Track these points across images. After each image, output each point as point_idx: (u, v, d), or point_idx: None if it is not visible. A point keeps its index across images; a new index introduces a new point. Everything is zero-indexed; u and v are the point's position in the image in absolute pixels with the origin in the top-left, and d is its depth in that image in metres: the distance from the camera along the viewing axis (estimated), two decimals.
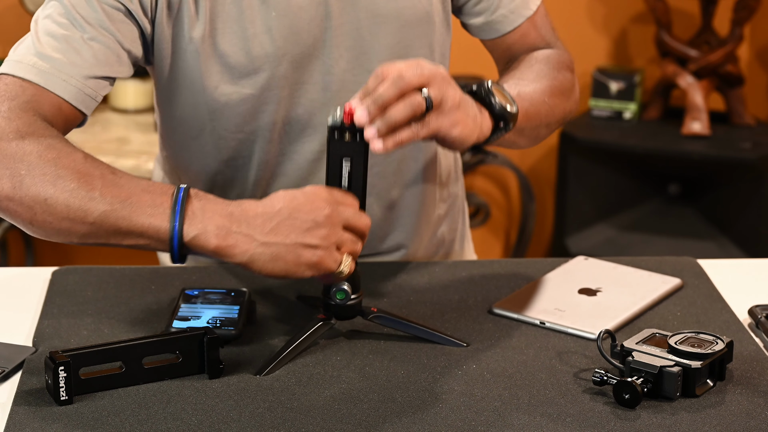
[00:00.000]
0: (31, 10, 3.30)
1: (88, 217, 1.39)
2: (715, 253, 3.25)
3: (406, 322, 1.51)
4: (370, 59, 1.64)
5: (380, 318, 1.51)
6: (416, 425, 1.32)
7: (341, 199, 1.41)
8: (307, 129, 1.66)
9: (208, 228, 1.38)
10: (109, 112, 3.41)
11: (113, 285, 1.65)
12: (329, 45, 1.63)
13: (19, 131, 1.43)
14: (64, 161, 1.41)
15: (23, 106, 1.47)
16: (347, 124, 1.39)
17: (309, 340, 1.46)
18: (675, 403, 1.36)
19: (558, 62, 1.72)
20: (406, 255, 1.78)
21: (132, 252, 3.58)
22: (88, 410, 1.34)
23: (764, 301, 1.62)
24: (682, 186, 3.44)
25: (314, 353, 1.47)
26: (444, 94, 1.41)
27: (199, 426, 1.31)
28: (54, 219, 1.40)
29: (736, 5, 3.35)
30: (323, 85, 1.64)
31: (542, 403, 1.36)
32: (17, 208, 1.41)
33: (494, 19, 1.72)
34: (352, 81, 1.64)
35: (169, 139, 1.74)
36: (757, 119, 3.49)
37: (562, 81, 1.70)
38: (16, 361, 1.44)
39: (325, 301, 1.48)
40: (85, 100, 1.53)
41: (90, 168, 1.42)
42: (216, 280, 1.67)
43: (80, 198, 1.39)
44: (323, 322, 1.48)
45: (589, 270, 1.71)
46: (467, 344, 1.50)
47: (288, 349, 1.44)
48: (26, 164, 1.41)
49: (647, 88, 3.56)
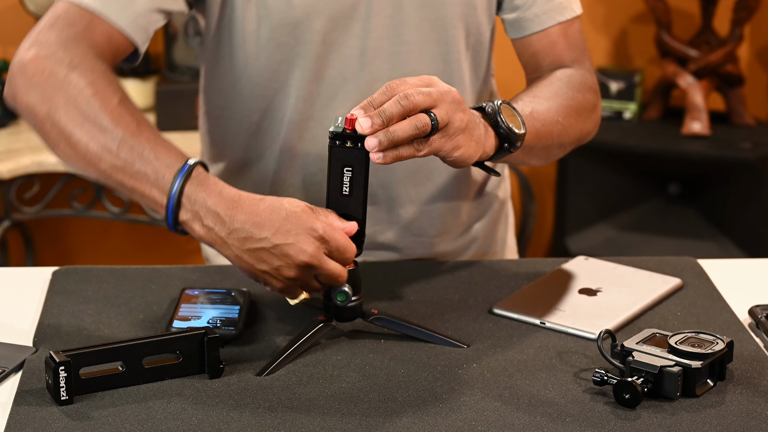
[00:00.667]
0: (31, 10, 3.30)
1: (101, 164, 1.45)
2: (715, 253, 3.25)
3: (407, 324, 1.51)
4: (407, 30, 1.67)
5: (380, 320, 1.51)
6: (416, 425, 1.32)
7: (331, 235, 1.40)
8: (339, 95, 1.68)
9: (196, 218, 1.41)
10: None
11: (113, 285, 1.65)
12: (369, 10, 1.65)
13: (72, 62, 1.50)
14: (97, 103, 1.46)
15: (80, 35, 1.53)
16: (349, 130, 1.39)
17: (309, 342, 1.46)
18: (675, 403, 1.36)
19: (580, 83, 1.71)
20: (430, 242, 1.79)
21: (132, 252, 3.58)
22: (88, 410, 1.34)
23: (764, 301, 1.62)
24: (682, 186, 3.44)
25: (314, 353, 1.47)
26: (451, 117, 1.42)
27: (199, 426, 1.31)
28: (73, 155, 1.48)
29: (736, 5, 3.35)
30: (359, 50, 1.66)
31: (542, 403, 1.36)
32: (48, 132, 1.49)
33: (525, 17, 1.72)
34: (388, 51, 1.67)
35: (209, 88, 1.76)
36: (757, 119, 3.49)
37: (581, 101, 1.69)
38: (16, 361, 1.44)
39: (325, 302, 1.48)
40: (137, 31, 1.57)
41: (117, 116, 1.46)
42: (216, 280, 1.67)
43: (98, 145, 1.45)
44: (324, 324, 1.48)
45: (589, 270, 1.71)
46: (467, 345, 1.50)
47: (288, 351, 1.44)
48: (65, 96, 1.47)
49: (647, 88, 3.56)
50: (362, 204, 1.43)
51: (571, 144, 1.69)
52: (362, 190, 1.42)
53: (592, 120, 1.72)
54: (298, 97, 1.69)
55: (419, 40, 1.68)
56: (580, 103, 1.69)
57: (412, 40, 1.68)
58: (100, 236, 3.57)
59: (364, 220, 1.44)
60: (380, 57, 1.67)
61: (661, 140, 3.36)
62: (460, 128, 1.43)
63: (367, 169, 1.41)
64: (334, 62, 1.67)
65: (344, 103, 1.69)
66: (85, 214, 3.20)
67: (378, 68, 1.68)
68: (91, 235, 3.57)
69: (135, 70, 3.37)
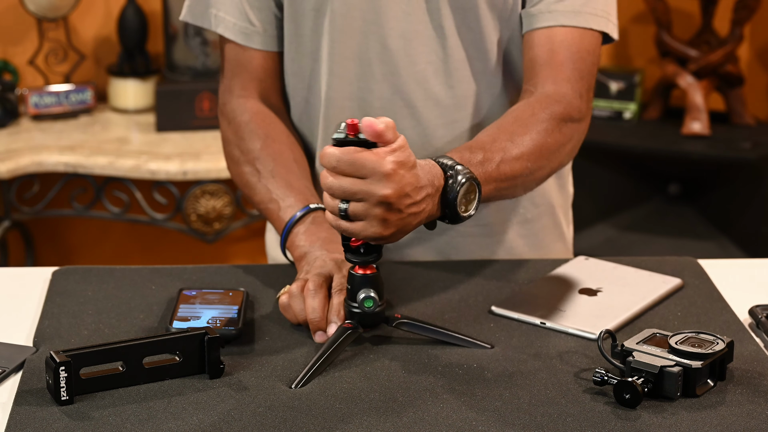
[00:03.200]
0: (31, 10, 3.30)
1: (252, 199, 1.73)
2: (715, 253, 3.25)
3: (431, 327, 1.50)
4: (443, 15, 1.68)
5: (405, 324, 1.50)
6: (416, 425, 1.32)
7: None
8: (376, 75, 1.70)
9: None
10: (109, 112, 3.41)
11: (113, 285, 1.65)
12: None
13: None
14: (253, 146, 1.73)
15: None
16: (351, 136, 1.38)
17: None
18: (675, 403, 1.36)
19: (563, 115, 1.65)
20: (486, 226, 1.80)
21: (132, 252, 3.58)
22: (88, 410, 1.34)
23: (764, 301, 1.62)
24: (682, 186, 3.44)
25: (314, 353, 1.46)
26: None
27: (199, 426, 1.31)
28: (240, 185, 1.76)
29: (736, 5, 3.35)
30: (399, 32, 1.69)
31: (542, 403, 1.36)
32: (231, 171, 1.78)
33: (530, 12, 1.70)
34: (426, 34, 1.69)
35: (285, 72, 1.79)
36: (757, 119, 3.49)
37: (558, 139, 1.64)
38: (16, 361, 1.44)
39: (349, 309, 1.48)
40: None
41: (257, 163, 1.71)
42: (217, 280, 1.67)
43: (247, 184, 1.73)
44: (351, 330, 1.46)
45: (590, 270, 1.71)
46: (492, 346, 1.49)
47: (321, 360, 1.42)
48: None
49: (647, 88, 3.56)
50: None
51: (536, 183, 1.66)
52: None
53: (564, 152, 1.67)
54: (336, 73, 1.71)
55: (453, 26, 1.70)
56: (557, 140, 1.64)
57: (447, 26, 1.69)
58: (100, 236, 3.57)
59: None
60: (419, 40, 1.69)
61: (661, 140, 3.36)
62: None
63: None
64: (372, 42, 1.69)
65: (381, 84, 1.70)
66: (85, 214, 3.20)
67: (416, 51, 1.69)
68: (91, 235, 3.57)
69: (135, 70, 3.37)
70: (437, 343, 1.50)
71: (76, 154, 3.08)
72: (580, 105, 1.68)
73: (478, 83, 1.73)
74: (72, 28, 3.44)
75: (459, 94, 1.72)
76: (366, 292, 1.45)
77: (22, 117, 3.34)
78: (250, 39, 1.75)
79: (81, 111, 3.36)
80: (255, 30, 1.75)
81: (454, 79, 1.71)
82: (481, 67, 1.72)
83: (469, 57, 1.71)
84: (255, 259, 3.56)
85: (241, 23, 1.74)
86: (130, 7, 3.35)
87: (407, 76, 1.70)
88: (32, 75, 3.43)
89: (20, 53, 3.43)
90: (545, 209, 1.85)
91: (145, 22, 3.37)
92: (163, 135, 3.24)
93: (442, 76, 1.71)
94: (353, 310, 1.46)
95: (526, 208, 1.82)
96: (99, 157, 3.08)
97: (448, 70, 1.71)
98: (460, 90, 1.72)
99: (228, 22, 1.74)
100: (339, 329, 1.46)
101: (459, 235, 1.80)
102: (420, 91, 1.71)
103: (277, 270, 1.70)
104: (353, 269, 1.45)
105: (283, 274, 1.68)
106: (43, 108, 3.31)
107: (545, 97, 1.66)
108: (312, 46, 1.73)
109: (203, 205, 3.15)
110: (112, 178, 3.11)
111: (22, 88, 3.38)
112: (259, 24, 1.75)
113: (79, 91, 3.35)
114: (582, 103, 1.68)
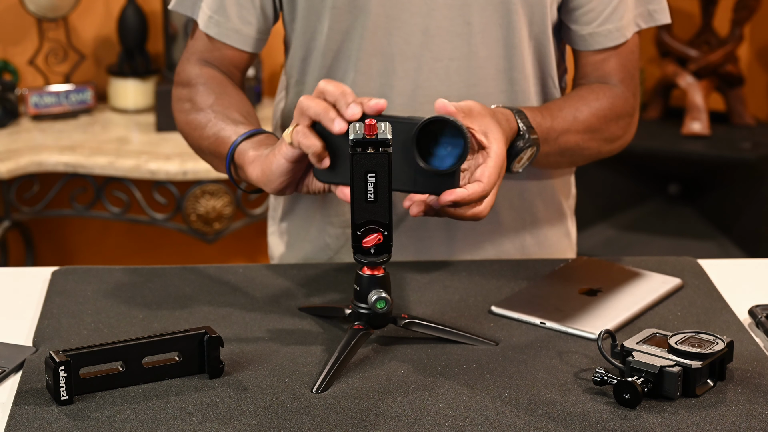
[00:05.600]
0: (32, 10, 3.30)
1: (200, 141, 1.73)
2: (715, 253, 3.25)
3: (438, 326, 1.50)
4: (471, 12, 1.68)
5: (412, 324, 1.50)
6: (416, 425, 1.32)
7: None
8: (398, 71, 1.70)
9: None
10: (109, 112, 3.41)
11: (113, 285, 1.65)
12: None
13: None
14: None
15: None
16: (369, 137, 1.38)
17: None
18: (675, 403, 1.36)
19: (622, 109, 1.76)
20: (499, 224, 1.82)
21: (132, 252, 3.58)
22: (88, 410, 1.34)
23: (764, 301, 1.62)
24: (682, 186, 3.44)
25: (314, 353, 1.46)
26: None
27: (199, 426, 1.31)
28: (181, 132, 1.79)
29: (736, 5, 3.36)
30: (422, 28, 1.68)
31: (542, 403, 1.36)
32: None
33: (582, 33, 1.74)
34: (450, 31, 1.68)
35: (288, 68, 1.79)
36: (757, 119, 3.49)
37: (613, 132, 1.76)
38: (16, 361, 1.44)
39: (356, 310, 1.47)
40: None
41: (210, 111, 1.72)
42: (216, 281, 1.67)
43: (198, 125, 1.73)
44: (363, 332, 1.46)
45: (589, 270, 1.71)
46: (497, 343, 1.50)
47: (338, 363, 1.42)
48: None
49: (647, 88, 3.56)
50: (388, 209, 1.42)
51: (583, 160, 1.80)
52: (387, 195, 1.41)
53: (617, 145, 1.79)
54: (358, 69, 1.71)
55: (482, 22, 1.69)
56: (613, 133, 1.76)
57: (475, 22, 1.68)
58: (100, 236, 3.58)
59: (390, 225, 1.43)
60: (442, 36, 1.68)
61: (661, 140, 3.36)
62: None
63: (390, 173, 1.40)
64: (395, 38, 1.69)
65: (403, 80, 1.70)
66: (85, 214, 3.21)
67: (439, 48, 1.69)
68: (91, 235, 3.57)
69: (135, 70, 3.37)
70: (437, 344, 1.50)
71: (76, 154, 3.08)
72: (634, 103, 1.79)
73: (501, 81, 1.72)
74: (72, 28, 3.44)
75: (482, 92, 1.72)
76: (377, 293, 1.45)
77: (22, 117, 3.34)
78: (225, 35, 1.75)
79: (81, 111, 3.36)
80: (231, 27, 1.74)
81: (478, 76, 1.71)
82: (506, 65, 1.72)
83: (495, 55, 1.71)
84: (255, 259, 3.56)
85: (218, 17, 1.74)
86: (130, 7, 3.35)
87: (429, 72, 1.70)
88: (32, 75, 3.43)
89: (20, 53, 3.43)
90: (555, 209, 1.85)
91: (145, 22, 3.37)
92: (163, 135, 3.24)
93: (464, 73, 1.71)
94: (362, 311, 1.46)
95: (537, 208, 1.83)
96: (99, 157, 3.08)
97: (471, 67, 1.70)
98: (483, 88, 1.72)
99: (204, 13, 1.75)
100: (351, 331, 1.46)
101: (474, 234, 1.80)
102: (442, 87, 1.71)
103: (278, 270, 1.70)
104: (361, 270, 1.45)
105: (283, 274, 1.68)
106: (43, 108, 3.31)
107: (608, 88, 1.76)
108: (331, 44, 1.71)
109: (203, 205, 3.15)
110: (112, 178, 3.11)
111: (22, 88, 3.38)
112: (237, 21, 1.74)
113: (79, 91, 3.35)
114: (636, 102, 1.80)
